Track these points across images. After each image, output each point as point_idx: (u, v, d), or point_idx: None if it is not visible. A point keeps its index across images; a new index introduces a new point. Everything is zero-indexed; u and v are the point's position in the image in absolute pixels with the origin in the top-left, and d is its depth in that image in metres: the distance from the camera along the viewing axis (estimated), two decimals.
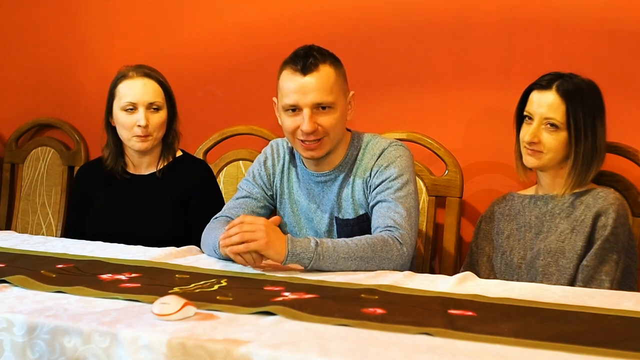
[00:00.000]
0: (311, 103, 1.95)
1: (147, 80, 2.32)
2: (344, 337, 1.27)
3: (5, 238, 2.19)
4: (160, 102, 2.33)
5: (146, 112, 2.29)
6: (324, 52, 2.00)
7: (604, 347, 1.21)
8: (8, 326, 1.37)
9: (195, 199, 2.36)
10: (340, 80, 2.00)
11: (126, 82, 2.32)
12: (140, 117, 2.28)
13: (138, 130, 2.29)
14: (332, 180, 2.08)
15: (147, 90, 2.30)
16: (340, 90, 2.00)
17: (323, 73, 1.96)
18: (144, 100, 2.29)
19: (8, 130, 3.26)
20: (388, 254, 1.84)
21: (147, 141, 2.31)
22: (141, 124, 2.28)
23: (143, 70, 2.34)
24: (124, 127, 2.31)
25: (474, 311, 1.44)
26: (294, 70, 1.96)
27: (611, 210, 1.97)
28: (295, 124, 1.98)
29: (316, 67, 1.95)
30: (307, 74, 1.95)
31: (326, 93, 1.96)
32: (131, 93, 2.29)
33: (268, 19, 2.85)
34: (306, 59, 1.96)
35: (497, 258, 2.14)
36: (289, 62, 1.99)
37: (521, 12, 2.48)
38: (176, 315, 1.34)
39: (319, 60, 1.96)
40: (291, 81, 1.96)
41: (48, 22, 3.22)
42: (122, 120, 2.31)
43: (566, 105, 2.00)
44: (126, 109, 2.30)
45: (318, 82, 1.95)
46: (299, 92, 1.95)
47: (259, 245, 1.74)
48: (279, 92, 2.02)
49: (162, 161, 2.39)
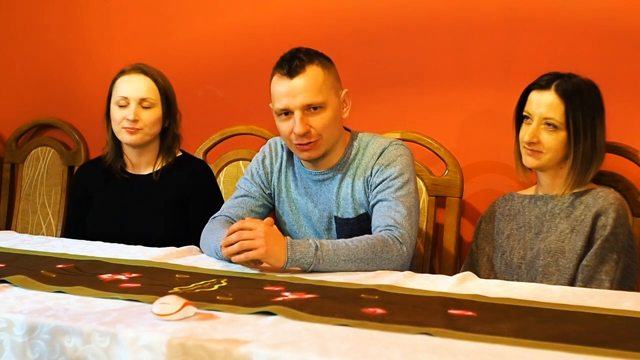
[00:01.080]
0: (301, 105, 1.95)
1: (141, 76, 2.33)
2: (344, 337, 1.27)
3: (5, 238, 2.18)
4: (153, 100, 2.33)
5: (137, 108, 2.30)
6: (311, 53, 2.00)
7: (604, 347, 1.21)
8: (8, 326, 1.37)
9: (195, 200, 2.35)
10: (330, 79, 2.00)
11: (122, 78, 2.34)
12: (130, 112, 2.29)
13: (126, 124, 2.30)
14: (329, 179, 2.08)
15: (140, 86, 2.32)
16: (330, 89, 2.00)
17: (310, 74, 1.96)
18: (135, 95, 2.30)
19: (8, 130, 3.26)
20: (388, 255, 1.84)
21: (136, 133, 2.31)
22: (129, 118, 2.29)
23: (140, 67, 2.35)
24: (115, 121, 2.33)
25: (474, 311, 1.44)
26: (281, 74, 1.97)
27: (611, 210, 1.97)
28: (289, 127, 1.98)
29: (302, 68, 1.95)
30: (294, 76, 1.95)
31: (315, 94, 1.96)
32: (124, 88, 2.32)
33: (268, 19, 2.85)
34: (292, 61, 1.96)
35: (497, 258, 2.14)
36: (276, 67, 2.00)
37: (521, 12, 2.48)
38: (176, 315, 1.34)
39: (305, 61, 1.96)
40: (280, 85, 1.97)
41: (48, 22, 3.22)
42: (114, 114, 2.33)
43: (565, 105, 2.00)
44: (119, 104, 2.31)
45: (306, 84, 1.95)
46: (288, 95, 1.96)
47: (259, 254, 1.74)
48: (272, 98, 2.03)
49: (160, 161, 2.39)
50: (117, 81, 2.35)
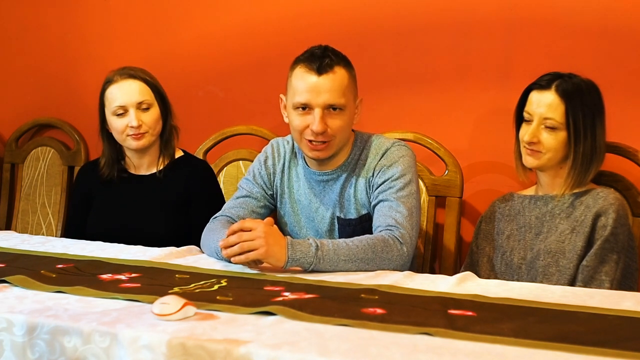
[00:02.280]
0: (323, 103, 1.95)
1: (131, 81, 2.32)
2: (344, 337, 1.27)
3: (5, 238, 2.18)
4: (150, 100, 2.33)
5: (137, 112, 2.29)
6: (339, 54, 2.00)
7: (604, 347, 1.21)
8: (8, 326, 1.37)
9: (197, 200, 2.35)
10: (352, 84, 2.01)
11: (112, 87, 2.32)
12: (132, 118, 2.28)
13: (131, 131, 2.29)
14: (334, 179, 2.08)
15: (133, 91, 2.31)
16: (351, 93, 2.00)
17: (338, 75, 1.96)
18: (132, 101, 2.30)
19: (8, 130, 3.26)
20: (388, 255, 1.84)
21: (142, 138, 2.31)
22: (133, 125, 2.28)
23: (127, 72, 2.34)
24: (118, 131, 2.32)
25: (474, 311, 1.44)
26: (308, 69, 1.96)
27: (611, 210, 1.97)
28: (305, 122, 1.97)
29: (331, 68, 1.95)
30: (322, 74, 1.94)
31: (339, 95, 1.96)
32: (119, 96, 2.30)
33: (268, 19, 2.85)
34: (322, 59, 1.95)
35: (497, 258, 2.14)
36: (303, 61, 1.98)
37: (521, 12, 2.48)
38: (176, 315, 1.34)
39: (335, 61, 1.96)
40: (305, 80, 1.96)
41: (48, 22, 3.22)
42: (115, 125, 2.31)
43: (565, 105, 2.00)
44: (117, 114, 2.30)
45: (332, 84, 1.95)
46: (312, 91, 1.95)
47: (259, 255, 1.74)
48: (290, 90, 2.01)
49: (162, 160, 2.39)
50: (107, 91, 2.33)
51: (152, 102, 2.33)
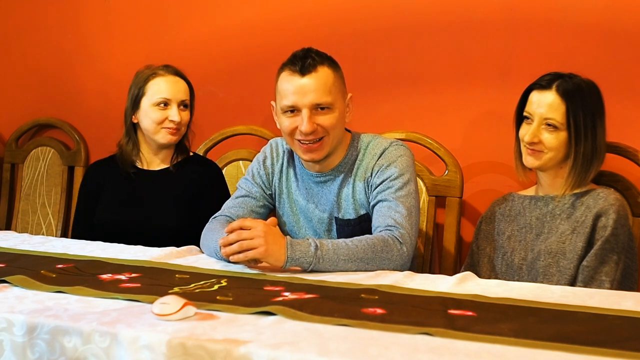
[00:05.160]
0: (310, 104, 1.95)
1: (178, 78, 2.43)
2: (344, 337, 1.27)
3: (5, 238, 2.19)
4: (188, 101, 2.44)
5: (178, 109, 2.38)
6: (322, 55, 2.01)
7: (604, 347, 1.21)
8: (8, 326, 1.37)
9: (207, 197, 2.40)
10: (338, 82, 2.01)
11: (159, 79, 2.40)
12: (174, 113, 2.37)
13: (170, 124, 2.37)
14: (331, 180, 2.08)
15: (179, 88, 2.41)
16: (338, 91, 2.00)
17: (321, 74, 1.96)
18: (177, 97, 2.39)
19: (8, 130, 3.26)
20: (388, 255, 1.84)
21: (176, 134, 2.41)
22: (175, 119, 2.37)
23: (172, 69, 2.44)
24: (155, 121, 2.38)
25: (474, 311, 1.44)
26: (292, 71, 1.97)
27: (611, 211, 1.97)
28: (294, 124, 1.98)
29: (314, 68, 1.96)
30: (305, 74, 1.95)
31: (325, 94, 1.96)
32: (165, 89, 2.38)
33: (268, 19, 2.85)
34: (304, 59, 1.96)
35: (498, 259, 2.14)
36: (287, 64, 2.00)
37: (521, 12, 2.48)
38: (176, 315, 1.34)
39: (317, 61, 1.97)
40: (290, 82, 1.97)
41: (48, 22, 3.22)
42: (154, 115, 2.37)
43: (566, 106, 2.00)
44: (159, 104, 2.37)
45: (317, 83, 1.95)
46: (298, 92, 1.95)
47: (258, 254, 1.74)
48: (277, 95, 2.02)
49: (176, 157, 2.46)
50: (151, 81, 2.39)
51: (189, 103, 2.44)
